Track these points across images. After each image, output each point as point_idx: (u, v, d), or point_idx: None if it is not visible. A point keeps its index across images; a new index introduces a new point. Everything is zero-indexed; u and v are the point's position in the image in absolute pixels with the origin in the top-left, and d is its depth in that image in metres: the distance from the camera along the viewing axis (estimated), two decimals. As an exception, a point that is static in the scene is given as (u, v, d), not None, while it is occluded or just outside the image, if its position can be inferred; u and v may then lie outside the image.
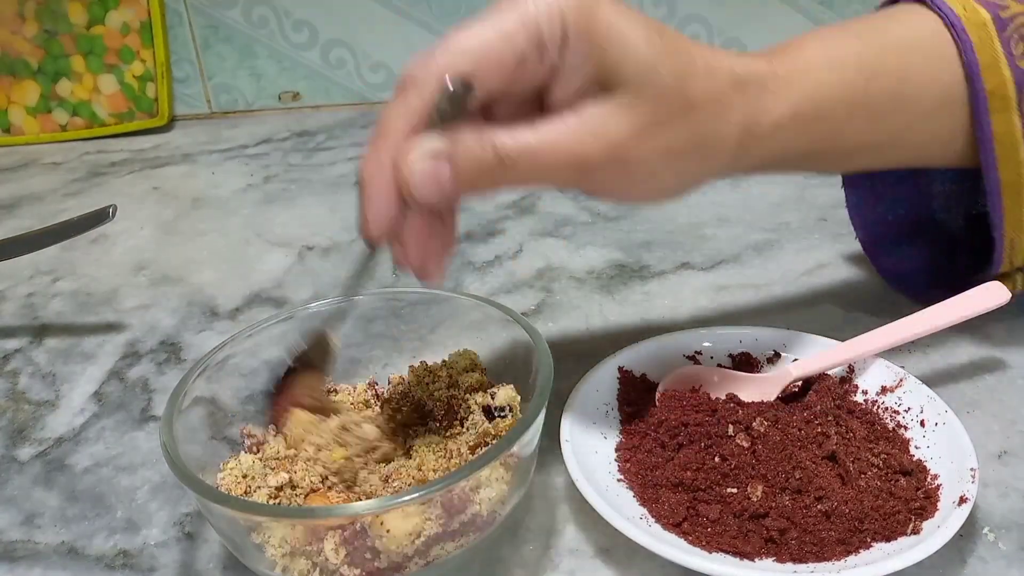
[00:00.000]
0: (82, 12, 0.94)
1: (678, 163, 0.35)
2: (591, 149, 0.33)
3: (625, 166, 0.33)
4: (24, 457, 0.45)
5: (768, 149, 0.37)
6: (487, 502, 0.33)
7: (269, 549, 0.32)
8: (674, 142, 0.34)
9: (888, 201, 0.50)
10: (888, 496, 0.35)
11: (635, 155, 0.33)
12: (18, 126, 0.97)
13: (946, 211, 0.49)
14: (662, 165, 0.34)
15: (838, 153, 0.40)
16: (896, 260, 0.51)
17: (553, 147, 0.33)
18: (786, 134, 0.37)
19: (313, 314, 0.42)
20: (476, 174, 0.32)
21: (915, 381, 0.40)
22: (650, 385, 0.42)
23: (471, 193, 0.33)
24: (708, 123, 0.34)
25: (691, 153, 0.35)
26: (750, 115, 0.36)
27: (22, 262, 0.60)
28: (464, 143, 0.32)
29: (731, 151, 0.36)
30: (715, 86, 0.34)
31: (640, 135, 0.33)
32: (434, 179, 0.32)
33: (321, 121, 0.95)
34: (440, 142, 0.32)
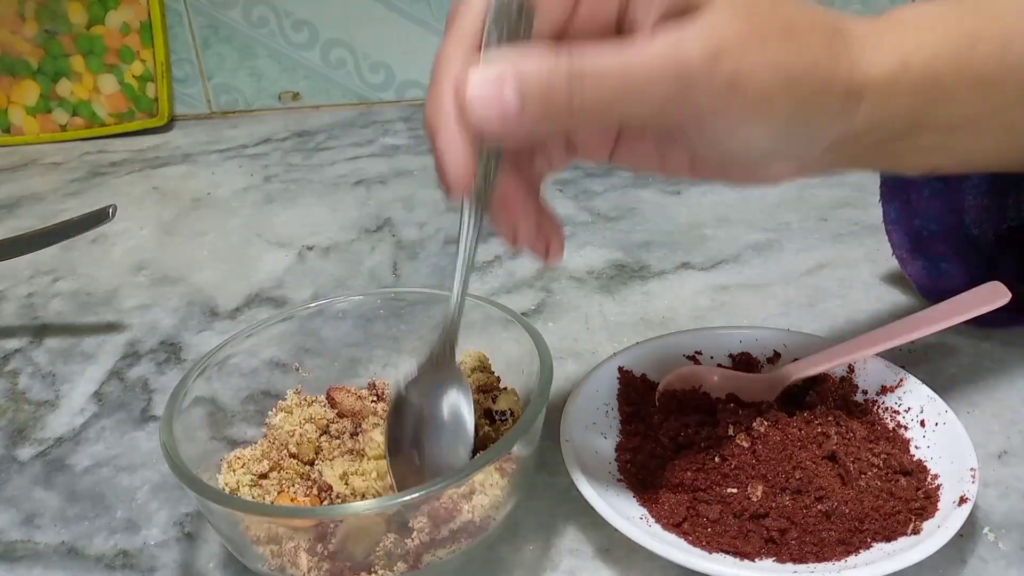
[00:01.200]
0: (82, 12, 0.94)
1: (792, 90, 0.29)
2: (693, 54, 0.27)
3: (734, 79, 0.28)
4: (24, 457, 0.45)
5: (880, 107, 0.32)
6: (480, 508, 0.33)
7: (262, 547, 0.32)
8: (784, 61, 0.29)
9: (923, 216, 0.49)
10: (888, 496, 0.35)
11: (744, 66, 0.28)
12: (18, 126, 0.97)
13: (978, 226, 0.48)
14: (777, 90, 0.29)
15: (943, 128, 0.36)
16: (935, 277, 0.49)
17: (645, 56, 0.27)
18: (895, 93, 0.33)
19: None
20: (549, 99, 0.27)
21: (915, 381, 0.40)
22: (650, 385, 0.42)
23: (545, 122, 0.28)
24: (815, 49, 0.30)
25: (804, 80, 0.30)
26: (854, 65, 0.31)
27: (22, 262, 0.60)
28: (532, 56, 0.27)
29: (842, 95, 0.31)
30: (811, 19, 0.31)
31: (745, 43, 0.28)
32: (497, 104, 0.27)
33: (321, 121, 0.95)
34: (503, 60, 0.27)
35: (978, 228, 0.48)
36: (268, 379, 0.42)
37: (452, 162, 0.29)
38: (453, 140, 0.28)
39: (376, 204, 0.73)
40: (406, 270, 0.61)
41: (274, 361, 0.41)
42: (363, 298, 0.44)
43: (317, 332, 0.43)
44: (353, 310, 0.44)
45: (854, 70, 0.31)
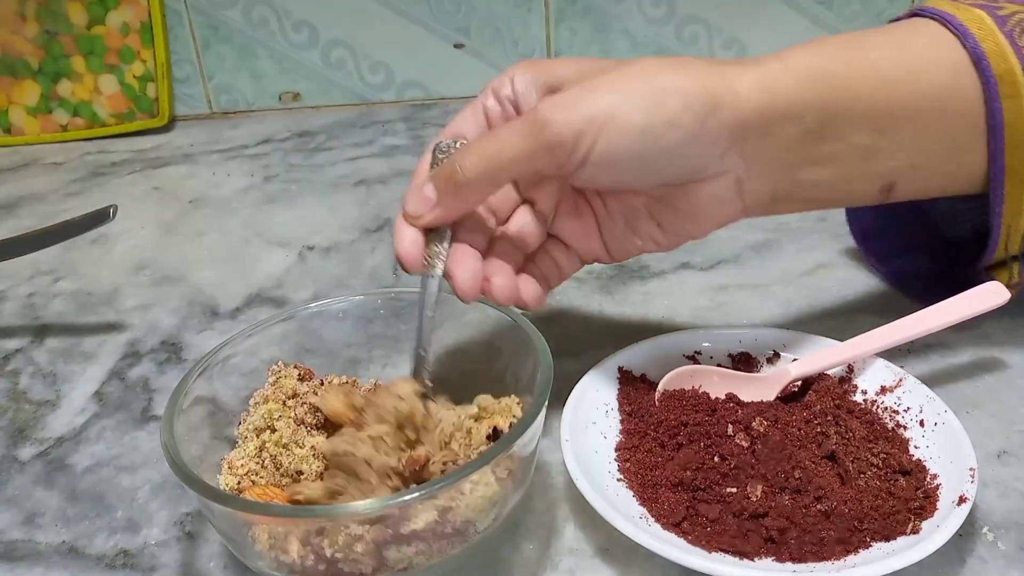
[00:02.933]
0: (82, 12, 0.94)
1: (637, 103, 0.36)
2: (544, 105, 0.36)
3: (580, 110, 0.36)
4: (25, 457, 0.45)
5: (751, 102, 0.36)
6: (480, 508, 0.33)
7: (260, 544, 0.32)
8: (623, 80, 0.36)
9: (883, 214, 0.50)
10: (887, 496, 0.35)
11: (589, 97, 0.36)
12: (19, 126, 0.97)
13: (952, 228, 0.49)
14: (622, 106, 0.36)
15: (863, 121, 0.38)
16: (894, 268, 0.52)
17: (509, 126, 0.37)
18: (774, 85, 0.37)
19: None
20: (448, 184, 0.37)
21: (914, 381, 0.40)
22: (650, 385, 0.42)
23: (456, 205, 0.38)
24: (657, 71, 0.37)
25: (650, 94, 0.36)
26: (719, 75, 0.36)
27: (23, 262, 0.60)
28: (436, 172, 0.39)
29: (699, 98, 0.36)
30: (652, 60, 0.38)
31: (586, 76, 0.37)
32: (421, 197, 0.38)
33: (321, 121, 0.95)
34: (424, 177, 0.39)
35: (953, 231, 0.49)
36: (268, 379, 0.42)
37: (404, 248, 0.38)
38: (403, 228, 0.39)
39: (376, 204, 0.73)
40: (406, 270, 0.61)
41: (274, 361, 0.41)
42: (363, 298, 0.44)
43: (317, 332, 0.43)
44: (353, 310, 0.44)
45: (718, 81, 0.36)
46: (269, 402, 0.39)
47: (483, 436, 0.37)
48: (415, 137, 0.88)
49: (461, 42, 0.92)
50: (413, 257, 0.38)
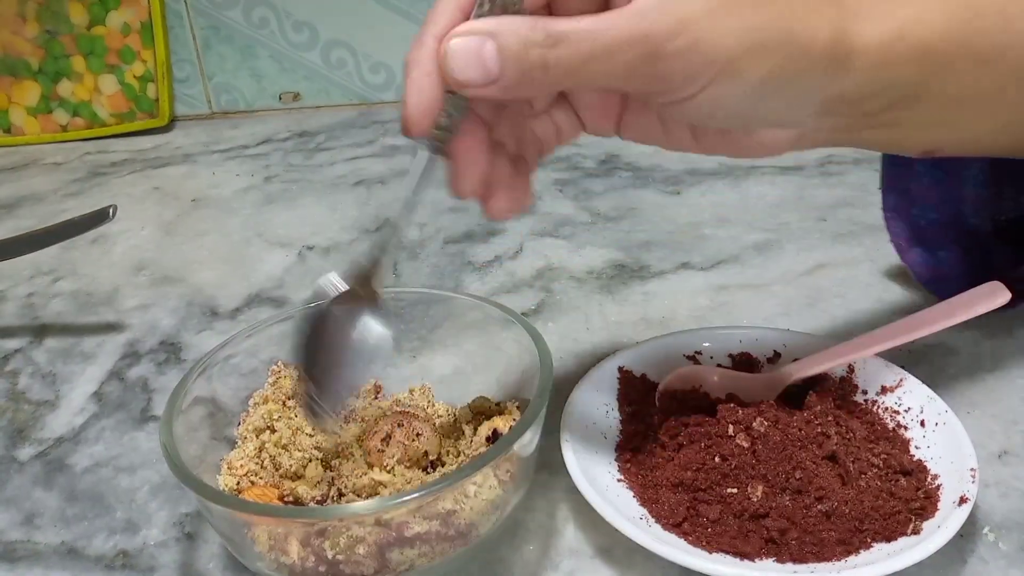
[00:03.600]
0: (83, 12, 0.94)
1: (762, 58, 0.30)
2: (656, 23, 0.29)
3: (698, 47, 0.29)
4: (24, 457, 0.45)
5: (869, 76, 0.32)
6: (480, 508, 0.33)
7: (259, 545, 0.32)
8: (753, 27, 0.30)
9: (921, 205, 0.49)
10: (888, 496, 0.35)
11: (707, 31, 0.29)
12: (19, 126, 0.97)
13: (976, 215, 0.48)
14: (744, 55, 0.30)
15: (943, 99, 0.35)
16: (932, 266, 0.50)
17: (612, 24, 0.29)
18: (889, 62, 0.33)
19: None
20: (525, 57, 0.29)
21: (915, 381, 0.40)
22: (650, 385, 0.42)
23: (519, 86, 0.29)
24: (790, 16, 0.30)
25: (776, 49, 0.30)
26: (843, 26, 0.31)
27: (22, 262, 0.60)
28: (512, 22, 0.29)
29: (825, 60, 0.31)
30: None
31: (712, 10, 0.29)
32: (475, 56, 0.29)
33: (321, 121, 0.95)
34: (486, 23, 0.29)
35: (976, 218, 0.48)
36: (268, 379, 0.41)
37: (415, 102, 0.30)
38: (423, 80, 0.30)
39: (376, 204, 0.73)
40: (406, 270, 0.61)
41: (274, 361, 0.41)
42: (363, 298, 0.44)
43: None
44: (353, 310, 0.44)
45: (841, 36, 0.31)
46: (269, 402, 0.39)
47: (483, 438, 0.37)
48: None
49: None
50: (424, 122, 0.31)
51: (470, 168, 0.33)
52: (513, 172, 0.35)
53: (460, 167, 0.33)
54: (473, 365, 0.42)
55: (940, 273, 0.50)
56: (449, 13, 0.30)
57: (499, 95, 0.30)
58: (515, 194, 0.35)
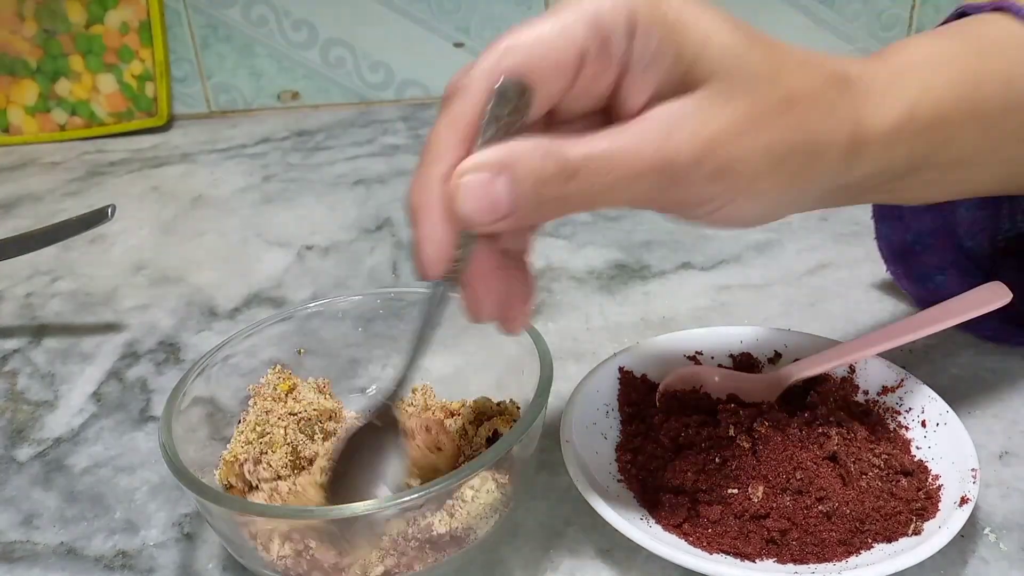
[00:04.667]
0: (81, 11, 0.94)
1: (783, 169, 0.29)
2: (681, 147, 0.27)
3: (723, 171, 0.28)
4: (23, 457, 0.45)
5: (875, 161, 0.32)
6: (480, 509, 0.32)
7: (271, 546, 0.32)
8: (778, 140, 0.29)
9: (914, 232, 0.48)
10: (889, 497, 0.35)
11: (734, 155, 0.28)
12: (17, 126, 0.97)
13: (972, 238, 0.48)
14: (766, 171, 0.29)
15: (944, 166, 0.36)
16: (931, 290, 0.49)
17: (634, 148, 0.27)
18: (899, 141, 0.32)
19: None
20: (538, 189, 0.27)
21: (916, 381, 0.40)
22: (650, 385, 0.42)
23: (533, 216, 0.28)
24: (813, 120, 0.29)
25: (797, 157, 0.29)
26: (860, 118, 0.31)
27: (21, 262, 0.59)
28: (523, 151, 0.27)
29: (841, 158, 0.31)
30: (812, 81, 0.30)
31: (738, 130, 0.28)
32: (487, 196, 0.27)
33: (320, 121, 0.95)
34: (495, 155, 0.27)
35: (972, 240, 0.48)
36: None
37: (431, 250, 0.29)
38: (435, 228, 0.28)
39: (376, 204, 0.73)
40: (406, 270, 0.61)
41: (273, 361, 0.41)
42: (363, 298, 0.44)
43: (317, 332, 0.43)
44: (353, 310, 0.44)
45: (858, 127, 0.31)
46: (268, 400, 0.39)
47: (483, 440, 0.37)
48: (415, 136, 0.88)
49: (461, 41, 0.92)
50: (440, 266, 0.29)
51: (488, 297, 0.31)
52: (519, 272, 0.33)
53: (479, 297, 0.31)
54: (473, 365, 0.42)
55: (939, 296, 0.49)
56: (452, 147, 0.28)
57: (511, 228, 0.28)
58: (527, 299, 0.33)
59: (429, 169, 0.29)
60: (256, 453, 0.36)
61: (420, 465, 0.36)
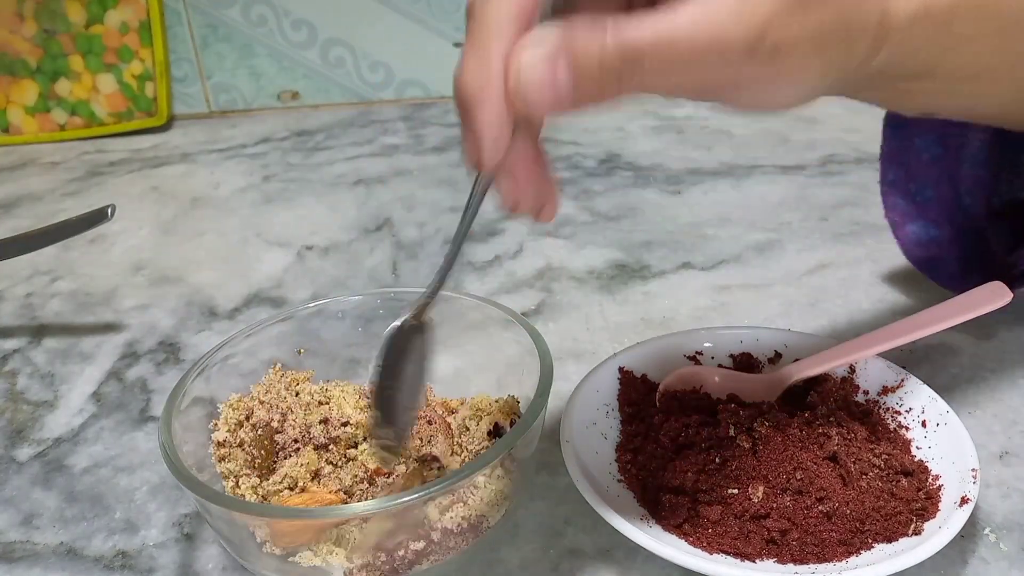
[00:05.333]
0: (81, 11, 0.94)
1: (825, 53, 0.30)
2: (736, 30, 0.27)
3: (775, 51, 0.28)
4: (23, 457, 0.45)
5: (897, 49, 0.32)
6: (480, 508, 0.32)
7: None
8: (822, 24, 0.29)
9: (918, 182, 0.49)
10: (889, 497, 0.35)
11: (785, 38, 0.28)
12: (16, 126, 0.97)
13: (970, 195, 0.48)
14: (812, 53, 0.29)
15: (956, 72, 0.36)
16: (924, 244, 0.50)
17: (691, 31, 0.27)
18: (916, 34, 0.32)
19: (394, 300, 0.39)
20: (599, 76, 0.27)
21: (916, 381, 0.40)
22: (651, 385, 0.42)
23: (592, 99, 0.27)
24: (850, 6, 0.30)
25: (838, 42, 0.30)
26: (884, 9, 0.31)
27: (20, 262, 0.59)
28: (583, 38, 0.26)
29: (869, 41, 0.31)
30: None
31: (789, 12, 0.28)
32: (551, 85, 0.26)
33: (320, 120, 0.95)
34: (556, 38, 0.26)
35: (970, 198, 0.49)
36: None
37: (492, 140, 0.28)
38: (497, 117, 0.27)
39: (376, 204, 0.73)
40: (406, 270, 0.61)
41: (273, 361, 0.41)
42: (363, 298, 0.44)
43: (317, 332, 0.43)
44: (353, 310, 0.44)
45: (883, 16, 0.31)
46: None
47: (484, 433, 0.37)
48: (415, 136, 0.88)
49: (461, 41, 0.92)
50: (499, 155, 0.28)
51: (529, 186, 0.31)
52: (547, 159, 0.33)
53: (522, 186, 0.31)
54: (473, 365, 0.42)
55: (932, 252, 0.50)
56: (511, 21, 0.27)
57: (569, 112, 0.28)
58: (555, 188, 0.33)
59: (487, 47, 0.27)
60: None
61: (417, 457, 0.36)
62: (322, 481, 0.36)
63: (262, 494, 0.35)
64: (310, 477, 0.36)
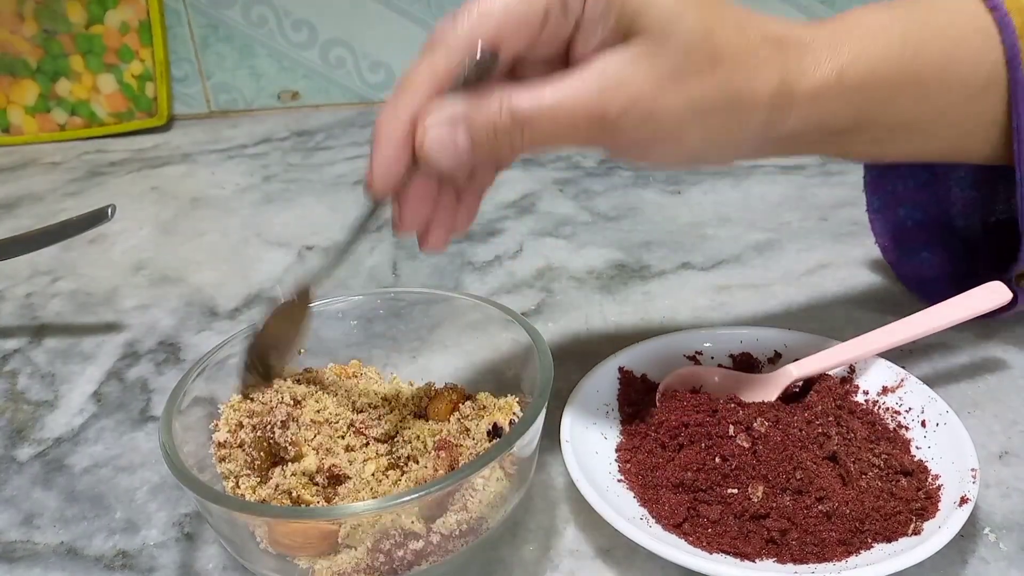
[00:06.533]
0: (81, 11, 0.94)
1: (706, 121, 0.33)
2: (611, 102, 0.31)
3: (648, 121, 0.32)
4: (23, 457, 0.45)
5: (806, 117, 0.35)
6: (479, 508, 0.32)
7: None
8: (700, 97, 0.32)
9: (908, 206, 0.50)
10: (889, 496, 0.35)
11: (658, 108, 0.32)
12: (17, 126, 0.97)
13: (964, 218, 0.49)
14: (689, 122, 0.32)
15: (878, 130, 0.38)
16: (916, 265, 0.51)
17: (571, 102, 0.31)
18: (827, 102, 0.35)
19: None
20: (493, 139, 0.31)
21: (916, 381, 0.40)
22: (650, 385, 0.42)
23: (489, 159, 0.32)
24: (737, 79, 0.33)
25: (719, 111, 0.33)
26: (786, 76, 0.34)
27: (21, 262, 0.59)
28: (482, 108, 0.31)
29: (763, 114, 0.34)
30: (745, 41, 0.33)
31: (662, 86, 0.31)
32: (450, 145, 0.31)
33: (320, 120, 0.95)
34: (459, 106, 0.31)
35: (964, 220, 0.49)
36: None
37: (384, 172, 0.33)
38: (392, 154, 0.32)
39: (376, 204, 0.73)
40: (406, 270, 0.61)
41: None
42: (363, 298, 0.44)
43: (317, 332, 0.43)
44: (353, 310, 0.44)
45: (783, 85, 0.34)
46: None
47: (483, 432, 0.37)
48: (414, 137, 0.88)
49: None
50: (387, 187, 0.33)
51: (417, 214, 0.35)
52: (456, 204, 0.36)
53: (407, 214, 0.35)
54: (473, 365, 0.42)
55: (924, 274, 0.50)
56: (426, 89, 0.32)
57: (466, 170, 0.33)
58: (454, 226, 0.37)
59: (402, 101, 0.32)
60: None
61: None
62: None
63: (261, 496, 0.35)
64: (302, 486, 0.36)
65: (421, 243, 0.36)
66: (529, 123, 0.31)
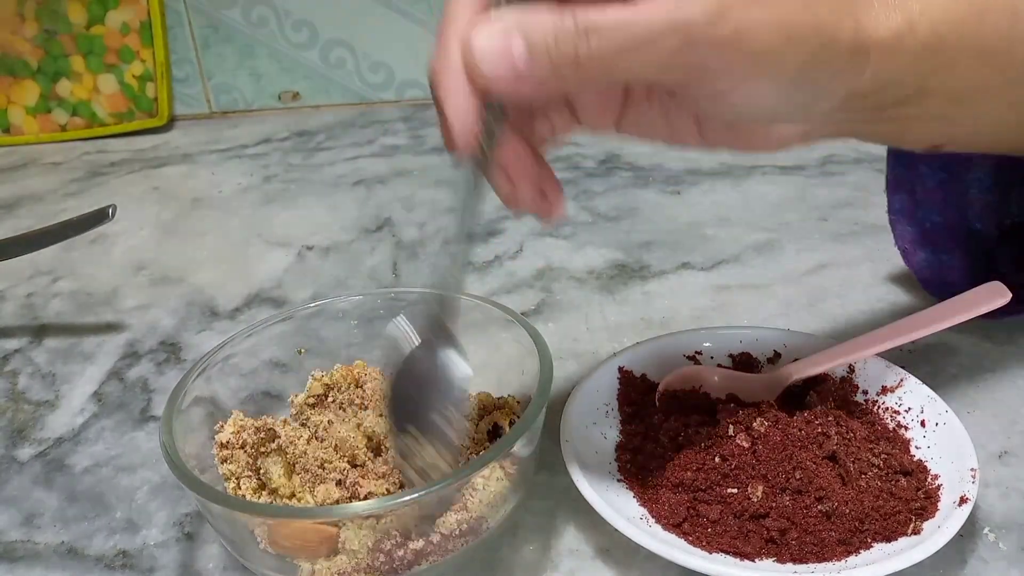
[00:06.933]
0: (82, 12, 0.94)
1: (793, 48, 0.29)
2: (696, 10, 0.27)
3: (734, 36, 0.28)
4: (24, 457, 0.45)
5: (877, 74, 0.32)
6: (480, 508, 0.33)
7: None
8: (787, 16, 0.29)
9: (925, 208, 0.49)
10: (888, 496, 0.35)
11: (745, 21, 0.28)
12: (18, 126, 0.97)
13: (980, 220, 0.49)
14: (777, 43, 0.29)
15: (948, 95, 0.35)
16: (935, 269, 0.50)
17: (648, 11, 0.27)
18: (899, 56, 0.32)
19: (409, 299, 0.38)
20: (556, 51, 0.27)
21: (915, 381, 0.40)
22: (650, 385, 0.42)
23: (551, 81, 0.28)
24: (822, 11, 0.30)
25: (808, 38, 0.29)
26: (857, 18, 0.31)
27: (22, 262, 0.60)
28: (539, 14, 0.27)
29: (845, 60, 0.31)
30: None
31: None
32: (505, 56, 0.27)
33: (321, 121, 0.95)
34: (509, 13, 0.27)
35: (980, 222, 0.49)
36: (268, 379, 0.42)
37: (457, 119, 0.29)
38: (459, 97, 0.28)
39: (376, 204, 0.73)
40: (406, 270, 0.61)
41: (274, 361, 0.41)
42: (363, 298, 0.44)
43: (317, 332, 0.43)
44: (353, 310, 0.44)
45: (859, 29, 0.31)
46: None
47: (483, 433, 0.37)
48: (415, 137, 0.88)
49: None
50: (468, 133, 0.29)
51: (523, 181, 0.32)
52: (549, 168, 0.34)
53: (514, 180, 0.31)
54: (473, 365, 0.42)
55: (944, 276, 0.50)
56: (469, 10, 0.29)
57: (529, 93, 0.28)
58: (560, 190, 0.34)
59: (447, 40, 0.29)
60: None
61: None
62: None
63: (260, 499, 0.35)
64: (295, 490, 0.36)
65: (545, 215, 0.33)
66: (596, 29, 0.27)
